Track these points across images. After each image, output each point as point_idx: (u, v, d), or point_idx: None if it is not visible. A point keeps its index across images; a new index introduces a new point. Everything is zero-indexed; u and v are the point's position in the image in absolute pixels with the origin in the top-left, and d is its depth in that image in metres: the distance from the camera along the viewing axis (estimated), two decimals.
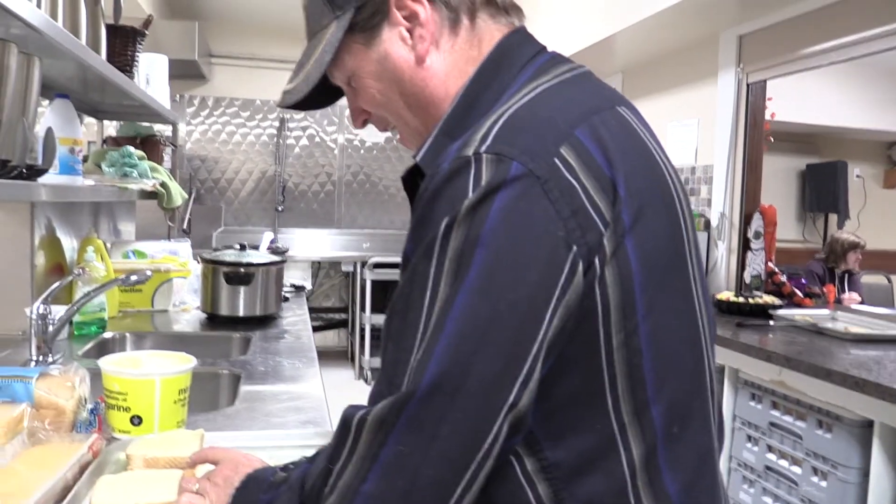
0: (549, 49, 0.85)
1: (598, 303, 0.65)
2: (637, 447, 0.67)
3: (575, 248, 0.63)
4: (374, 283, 5.44)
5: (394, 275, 5.41)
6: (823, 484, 2.03)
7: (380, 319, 5.66)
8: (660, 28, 3.40)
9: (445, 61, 0.80)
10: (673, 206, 0.73)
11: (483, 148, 0.65)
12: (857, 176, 6.69)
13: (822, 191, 6.36)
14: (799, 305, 3.15)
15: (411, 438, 0.61)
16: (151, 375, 1.15)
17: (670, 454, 0.69)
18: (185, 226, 5.47)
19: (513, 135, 0.66)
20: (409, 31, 0.79)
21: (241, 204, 6.14)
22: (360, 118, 0.88)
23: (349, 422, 0.66)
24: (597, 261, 0.64)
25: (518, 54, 0.79)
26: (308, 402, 1.46)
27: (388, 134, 0.92)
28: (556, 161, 0.65)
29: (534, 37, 0.83)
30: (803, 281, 3.38)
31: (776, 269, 3.31)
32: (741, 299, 2.91)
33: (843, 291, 4.89)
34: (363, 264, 5.45)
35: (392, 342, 0.66)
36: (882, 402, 1.80)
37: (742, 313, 2.85)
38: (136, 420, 1.15)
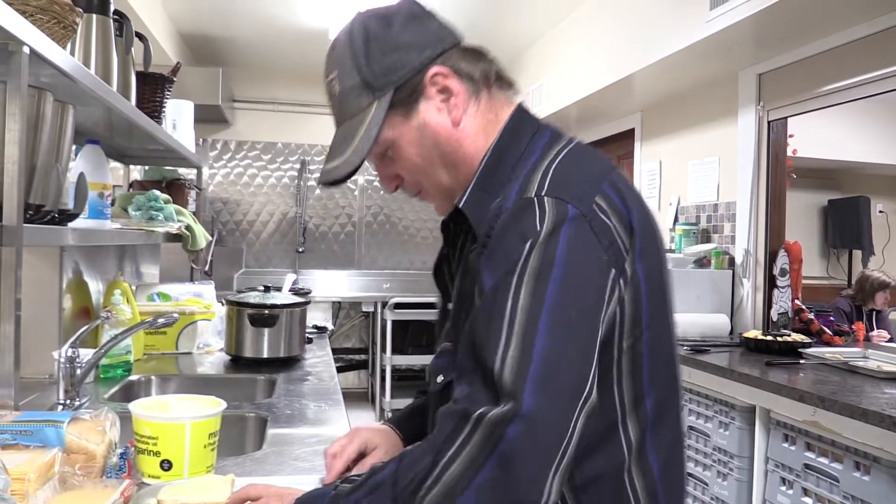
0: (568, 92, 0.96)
1: (618, 314, 0.85)
2: (633, 431, 0.87)
3: (613, 270, 0.83)
4: (394, 323, 5.42)
5: (414, 315, 5.39)
6: None
7: (401, 360, 5.65)
8: (678, 68, 3.42)
9: (474, 124, 0.98)
10: (661, 242, 0.94)
11: (543, 192, 0.84)
12: (881, 211, 6.63)
13: (845, 227, 6.30)
14: (828, 343, 3.09)
15: (522, 433, 0.72)
16: (182, 420, 1.14)
17: (655, 438, 0.89)
18: (206, 268, 5.52)
19: (563, 184, 0.85)
20: (444, 101, 0.96)
21: (263, 245, 6.18)
22: (394, 184, 1.02)
23: (465, 419, 0.75)
24: (621, 281, 0.84)
25: (528, 123, 0.99)
26: None
27: None
28: (594, 206, 0.84)
29: (531, 111, 1.03)
30: (832, 318, 3.34)
31: (803, 307, 3.26)
32: (769, 337, 2.86)
33: (872, 329, 4.81)
34: (384, 304, 5.44)
35: (476, 347, 0.80)
36: None
37: (771, 352, 2.80)
38: (167, 465, 1.14)
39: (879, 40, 2.62)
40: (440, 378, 0.98)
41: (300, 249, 6.15)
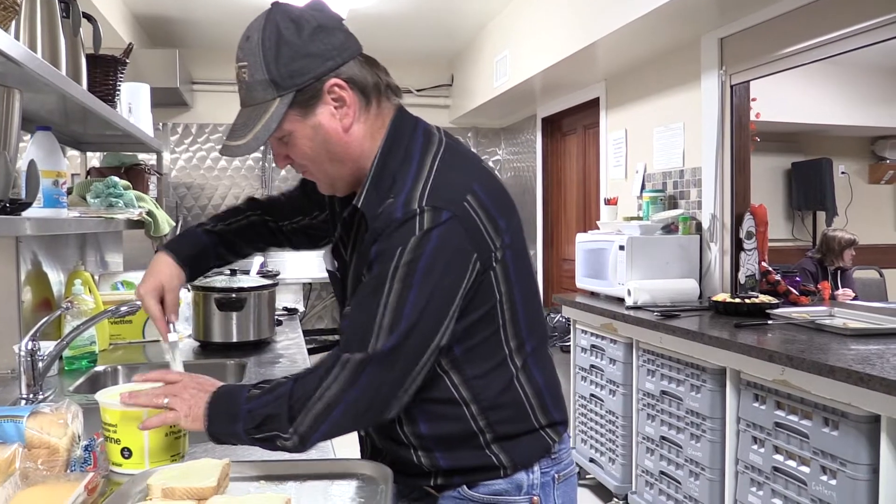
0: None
1: (494, 287, 1.13)
2: (519, 361, 1.17)
3: (475, 255, 1.09)
4: None
5: None
6: (833, 482, 2.00)
7: None
8: (640, 34, 3.41)
9: (362, 130, 1.15)
10: (520, 220, 1.21)
11: (423, 203, 1.07)
12: (843, 172, 6.72)
13: (809, 189, 6.38)
14: (795, 304, 3.13)
15: (380, 370, 1.05)
16: (139, 407, 1.12)
17: (538, 362, 1.20)
18: None
19: (439, 193, 1.08)
20: (338, 108, 1.12)
21: None
22: (284, 163, 1.20)
23: (337, 361, 1.06)
24: (492, 262, 1.11)
25: (405, 126, 1.19)
26: None
27: None
28: (466, 206, 1.09)
29: (408, 111, 1.23)
30: (798, 279, 3.38)
31: (770, 269, 3.30)
32: (738, 300, 2.89)
33: (837, 288, 4.90)
34: None
35: (359, 312, 1.08)
36: (888, 397, 1.78)
37: (739, 314, 2.84)
38: (126, 452, 1.12)
39: (839, 0, 2.63)
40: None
41: None
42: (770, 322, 2.65)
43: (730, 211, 3.28)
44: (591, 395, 3.48)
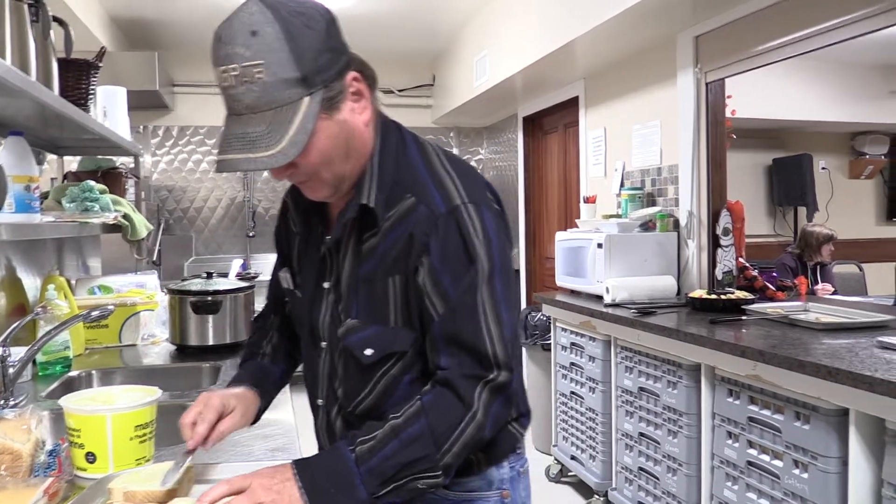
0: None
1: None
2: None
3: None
4: None
5: None
6: (805, 476, 2.03)
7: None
8: (617, 33, 3.43)
9: (371, 123, 1.13)
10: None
11: (465, 199, 1.10)
12: (823, 168, 6.78)
13: (790, 184, 6.44)
14: (772, 299, 3.17)
15: (512, 386, 1.09)
16: (102, 411, 1.12)
17: None
18: (155, 257, 5.41)
19: (472, 191, 1.12)
20: (357, 102, 1.09)
21: (212, 232, 6.08)
22: (288, 171, 1.08)
23: (478, 380, 1.06)
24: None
25: (381, 120, 1.17)
26: (277, 428, 1.43)
27: None
28: (494, 204, 1.16)
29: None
30: (774, 274, 3.41)
31: (747, 265, 3.33)
32: (713, 296, 2.92)
33: (816, 283, 4.94)
34: None
35: (462, 332, 1.07)
36: (855, 390, 1.81)
37: (715, 310, 2.86)
38: (91, 457, 1.12)
39: None
40: (369, 351, 1.12)
41: (250, 234, 6.07)
42: (745, 318, 2.67)
43: (706, 207, 3.31)
44: (572, 392, 3.50)
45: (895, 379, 1.71)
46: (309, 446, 1.15)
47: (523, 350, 4.20)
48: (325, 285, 1.19)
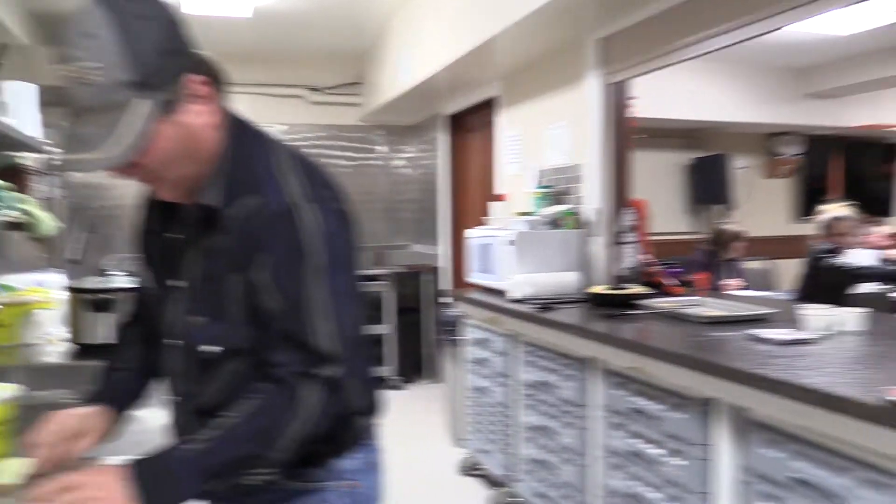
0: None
1: None
2: None
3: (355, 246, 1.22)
4: None
5: None
6: (679, 463, 2.13)
7: None
8: (529, 34, 3.50)
9: (214, 125, 1.14)
10: None
11: (301, 196, 1.12)
12: (740, 167, 7.02)
13: (708, 183, 6.66)
14: (671, 294, 3.28)
15: (344, 377, 1.13)
16: None
17: None
18: (78, 255, 5.29)
19: (316, 189, 1.15)
20: (201, 104, 1.11)
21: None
22: (130, 172, 1.10)
23: (305, 376, 1.10)
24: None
25: (241, 126, 1.20)
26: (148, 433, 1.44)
27: None
28: (332, 200, 1.18)
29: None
30: (677, 270, 3.53)
31: (650, 261, 3.44)
32: (612, 291, 3.01)
33: (728, 278, 5.13)
34: None
35: (291, 325, 1.11)
36: (718, 381, 1.90)
37: (613, 305, 2.96)
38: None
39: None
40: (215, 347, 1.15)
41: None
42: (637, 312, 2.77)
43: (611, 206, 3.41)
44: (480, 387, 3.57)
45: (753, 370, 1.81)
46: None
47: (446, 346, 4.26)
48: (176, 283, 1.21)
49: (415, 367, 6.00)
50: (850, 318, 2.26)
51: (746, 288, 5.04)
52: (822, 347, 2.04)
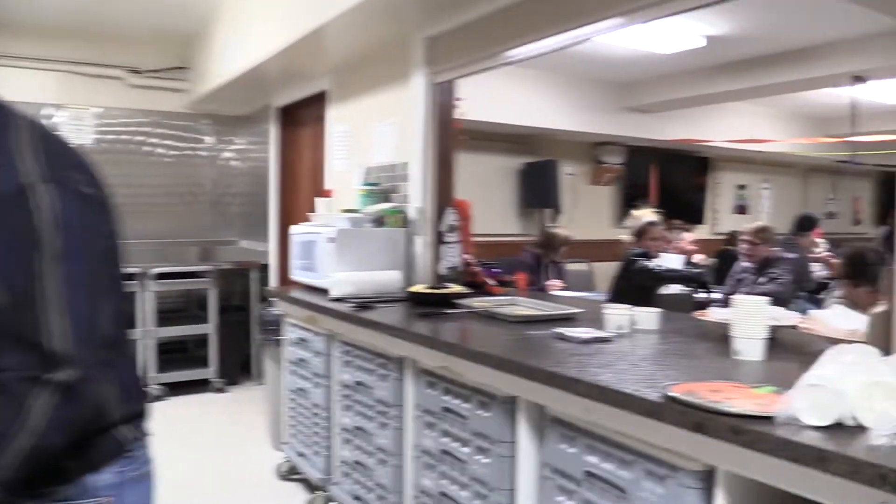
0: None
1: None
2: None
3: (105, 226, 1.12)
4: None
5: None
6: (485, 461, 2.13)
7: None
8: (358, 28, 3.44)
9: None
10: None
11: (43, 177, 0.99)
12: (569, 174, 7.34)
13: (538, 188, 6.89)
14: (490, 294, 3.33)
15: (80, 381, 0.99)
16: None
17: None
18: None
19: (60, 168, 1.03)
20: None
21: None
22: None
23: (36, 382, 0.96)
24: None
25: None
26: None
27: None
28: (79, 183, 1.07)
29: None
30: (498, 270, 3.58)
31: (471, 261, 3.47)
32: (430, 290, 3.00)
33: (549, 278, 5.31)
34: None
35: (21, 323, 0.97)
36: (519, 379, 1.92)
37: (430, 304, 2.94)
38: None
39: (539, 4, 2.79)
40: None
41: None
42: (452, 311, 2.77)
43: (433, 205, 3.40)
44: (300, 388, 3.45)
45: (549, 368, 1.83)
46: None
47: (268, 346, 4.09)
48: None
49: (241, 368, 5.75)
50: (646, 317, 2.36)
51: (567, 288, 5.25)
52: (618, 345, 2.12)
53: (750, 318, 1.90)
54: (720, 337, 2.10)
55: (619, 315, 2.30)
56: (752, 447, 1.30)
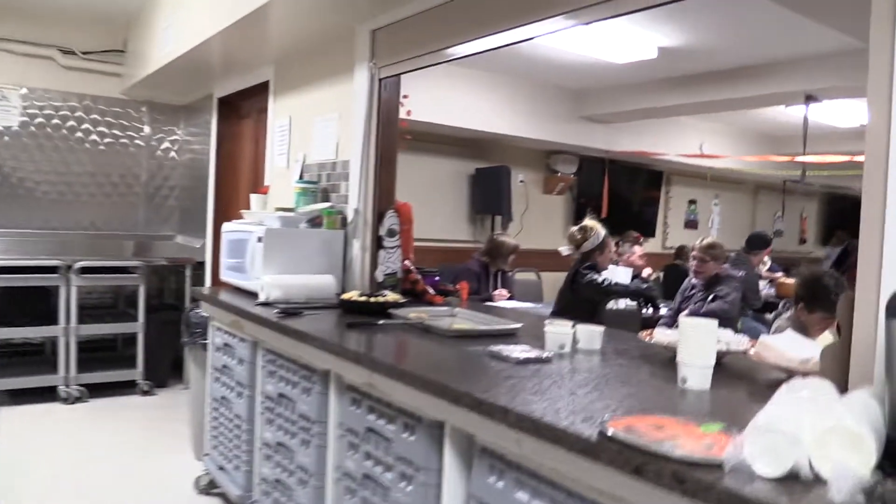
0: None
1: None
2: None
3: None
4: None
5: (26, 280, 4.66)
6: (410, 489, 1.94)
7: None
8: (297, 12, 3.23)
9: None
10: None
11: None
12: (521, 181, 7.21)
13: (489, 194, 6.74)
14: (430, 303, 3.15)
15: None
16: None
17: None
18: None
19: None
20: None
21: None
22: None
23: None
24: None
25: None
26: None
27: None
28: None
29: None
30: (436, 279, 3.41)
31: (412, 268, 3.29)
32: (363, 298, 2.81)
33: (496, 288, 5.16)
34: None
35: None
36: (448, 405, 1.74)
37: (363, 312, 2.75)
38: None
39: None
40: None
41: None
42: (383, 322, 2.58)
43: (373, 207, 3.21)
44: (223, 397, 3.22)
45: (481, 395, 1.65)
46: None
47: (194, 349, 3.83)
48: None
49: (171, 370, 5.46)
50: (588, 335, 2.21)
51: (513, 298, 5.10)
52: (557, 366, 1.96)
53: (698, 343, 1.76)
54: (665, 361, 1.96)
55: (559, 333, 2.15)
56: (697, 497, 1.15)
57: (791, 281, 6.86)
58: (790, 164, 7.06)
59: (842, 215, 11.82)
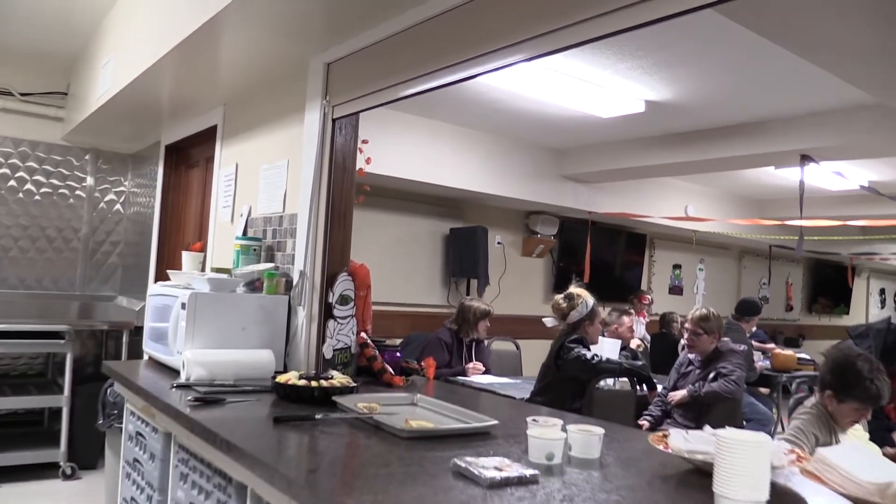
0: None
1: None
2: None
3: None
4: None
5: None
6: None
7: None
8: (249, 48, 2.80)
9: None
10: None
11: None
12: (499, 243, 6.76)
13: (464, 256, 6.26)
14: (389, 385, 2.63)
15: None
16: None
17: None
18: None
19: None
20: None
21: None
22: None
23: None
24: None
25: None
26: None
27: None
28: None
29: None
30: (398, 354, 2.89)
31: (369, 342, 2.77)
32: (302, 382, 2.26)
33: (470, 360, 4.63)
34: None
35: None
36: None
37: (303, 401, 2.21)
38: None
39: (446, 28, 2.19)
40: None
41: None
42: (322, 416, 2.03)
43: (322, 269, 2.70)
44: (132, 499, 2.63)
45: None
46: None
47: (111, 434, 3.25)
48: None
49: (101, 449, 4.81)
50: (583, 440, 1.70)
51: (488, 372, 4.58)
52: (544, 489, 1.44)
53: (746, 469, 1.25)
54: (688, 477, 1.45)
55: (547, 440, 1.63)
56: None
57: (788, 352, 6.44)
58: (784, 228, 6.70)
59: (826, 282, 11.54)
